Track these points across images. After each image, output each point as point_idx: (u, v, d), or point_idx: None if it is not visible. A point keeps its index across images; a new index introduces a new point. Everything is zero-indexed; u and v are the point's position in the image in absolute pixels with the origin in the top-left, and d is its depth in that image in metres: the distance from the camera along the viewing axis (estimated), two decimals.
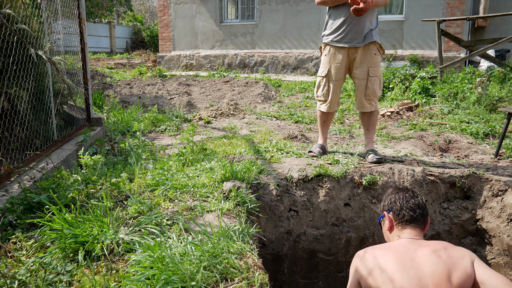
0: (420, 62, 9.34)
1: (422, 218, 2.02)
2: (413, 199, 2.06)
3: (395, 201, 2.09)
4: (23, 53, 2.86)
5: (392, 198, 2.13)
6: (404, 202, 2.05)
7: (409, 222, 2.00)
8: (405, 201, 2.06)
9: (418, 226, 2.01)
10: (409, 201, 2.05)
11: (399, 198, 2.09)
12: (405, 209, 2.03)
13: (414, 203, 2.04)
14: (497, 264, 3.16)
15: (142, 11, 30.34)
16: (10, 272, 1.65)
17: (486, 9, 9.12)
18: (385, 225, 2.13)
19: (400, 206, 2.05)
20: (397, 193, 2.14)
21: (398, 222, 2.04)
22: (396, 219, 2.05)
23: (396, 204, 2.07)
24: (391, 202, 2.11)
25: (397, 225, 2.04)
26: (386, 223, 2.11)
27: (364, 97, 3.43)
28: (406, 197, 2.08)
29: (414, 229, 1.99)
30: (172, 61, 12.46)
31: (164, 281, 1.54)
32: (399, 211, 2.04)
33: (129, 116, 5.07)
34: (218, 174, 2.84)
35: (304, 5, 10.68)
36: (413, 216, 2.00)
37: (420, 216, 2.02)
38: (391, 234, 2.08)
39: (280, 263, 3.20)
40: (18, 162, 2.66)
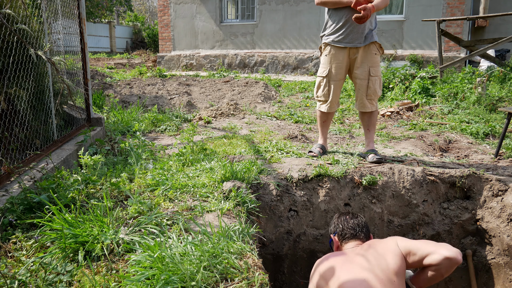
0: (420, 62, 9.34)
1: (363, 234, 2.35)
2: (353, 220, 2.41)
3: (337, 223, 2.44)
4: (23, 53, 2.86)
5: (335, 222, 2.47)
6: (345, 224, 2.39)
7: (350, 238, 2.33)
8: (346, 222, 2.40)
9: (360, 239, 2.33)
10: (349, 221, 2.40)
11: (341, 221, 2.43)
12: (346, 229, 2.37)
13: (354, 223, 2.38)
14: (497, 264, 3.16)
15: (142, 11, 30.33)
16: (10, 272, 1.65)
17: (486, 9, 9.12)
18: (334, 247, 2.45)
19: (342, 227, 2.39)
20: (339, 217, 2.48)
21: (341, 240, 2.38)
22: (340, 238, 2.39)
23: (339, 226, 2.42)
24: (335, 226, 2.45)
25: (341, 243, 2.38)
26: (334, 244, 2.43)
27: (365, 97, 3.43)
28: (346, 219, 2.42)
29: (355, 241, 2.32)
30: (172, 61, 12.46)
31: (164, 281, 1.54)
32: (342, 231, 2.39)
33: (129, 116, 5.07)
34: (218, 174, 2.84)
35: (304, 5, 10.68)
36: (353, 234, 2.34)
37: (361, 232, 2.35)
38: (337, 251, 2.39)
39: (280, 263, 3.20)
40: (18, 162, 2.66)
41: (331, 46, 3.40)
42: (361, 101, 3.46)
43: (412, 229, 3.35)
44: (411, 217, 3.33)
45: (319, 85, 3.53)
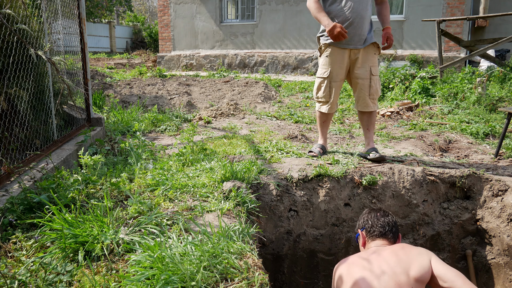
0: (420, 62, 9.34)
1: (392, 234, 2.27)
2: (384, 218, 2.32)
3: (367, 220, 2.36)
4: (23, 53, 2.86)
5: (365, 218, 2.39)
6: (375, 220, 2.31)
7: (378, 236, 2.25)
8: (376, 219, 2.32)
9: (388, 239, 2.25)
10: (380, 219, 2.31)
11: (371, 217, 2.35)
12: (375, 226, 2.29)
13: (384, 221, 2.30)
14: (497, 264, 3.16)
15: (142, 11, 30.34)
16: (10, 272, 1.65)
17: (486, 9, 9.12)
18: (360, 242, 2.38)
19: (371, 224, 2.31)
20: (369, 213, 2.40)
21: (369, 236, 2.31)
22: (367, 235, 2.31)
23: (368, 222, 2.33)
24: (364, 221, 2.38)
25: (368, 239, 2.31)
26: (360, 240, 2.36)
27: (368, 97, 3.43)
28: (377, 216, 2.34)
29: (382, 240, 2.24)
30: (172, 61, 12.46)
31: (164, 281, 1.54)
32: (370, 227, 2.30)
33: (129, 116, 5.07)
34: (218, 174, 2.84)
35: (304, 5, 10.67)
36: (382, 232, 2.26)
37: (389, 232, 2.27)
38: (363, 248, 2.33)
39: (280, 263, 3.20)
40: (18, 162, 2.66)
41: (332, 47, 3.39)
42: (364, 101, 3.46)
43: (412, 229, 3.35)
44: (411, 217, 3.33)
45: (319, 86, 3.52)
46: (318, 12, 3.26)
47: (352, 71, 3.44)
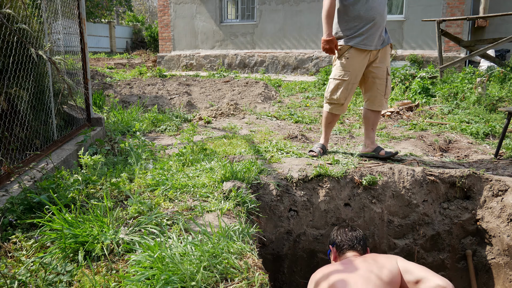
0: (420, 62, 9.34)
1: (360, 246, 2.45)
2: (351, 232, 2.52)
3: (337, 235, 2.54)
4: (23, 53, 2.87)
5: (335, 234, 2.57)
6: (344, 236, 2.50)
7: (348, 249, 2.43)
8: (345, 234, 2.51)
9: (357, 251, 2.43)
10: (348, 234, 2.50)
11: (340, 233, 2.54)
12: (344, 241, 2.48)
13: (352, 235, 2.49)
14: (497, 264, 3.16)
15: (142, 11, 30.33)
16: (10, 272, 1.65)
17: (486, 9, 9.12)
18: (332, 257, 2.55)
19: (341, 239, 2.50)
20: (338, 229, 2.59)
21: (339, 251, 2.48)
22: (338, 249, 2.49)
23: (338, 238, 2.52)
24: (334, 237, 2.56)
25: (339, 254, 2.48)
26: (332, 255, 2.54)
27: (384, 96, 3.44)
28: (345, 231, 2.53)
29: (352, 252, 2.42)
30: (172, 61, 12.45)
31: (164, 281, 1.54)
32: (340, 242, 2.50)
33: (129, 116, 5.07)
34: (218, 174, 2.84)
35: (304, 5, 10.68)
36: (350, 245, 2.45)
37: (358, 244, 2.46)
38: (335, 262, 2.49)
39: (280, 263, 3.20)
40: (18, 162, 2.66)
41: (354, 49, 3.28)
42: (380, 101, 3.45)
43: (412, 229, 3.35)
44: (411, 217, 3.33)
45: (336, 88, 3.40)
46: (329, 16, 3.22)
47: (369, 71, 3.40)
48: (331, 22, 3.23)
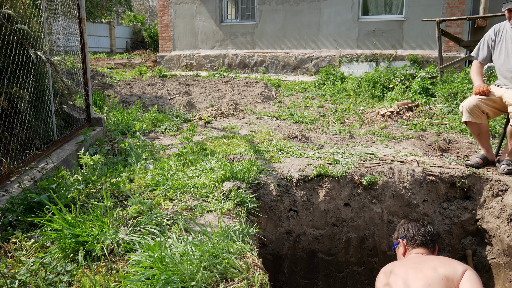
0: (420, 62, 9.33)
1: (432, 243, 2.38)
2: (424, 228, 2.44)
3: (408, 229, 2.46)
4: (23, 53, 2.86)
5: (405, 227, 2.49)
6: (416, 230, 2.42)
7: (419, 245, 2.36)
8: (417, 229, 2.43)
9: (428, 249, 2.36)
10: (420, 229, 2.43)
11: (412, 227, 2.46)
12: (417, 235, 2.39)
13: (425, 231, 2.41)
14: (497, 264, 3.16)
15: (142, 11, 30.33)
16: (10, 272, 1.65)
17: (486, 9, 9.12)
18: (399, 251, 2.47)
19: (413, 233, 2.42)
20: (409, 223, 2.51)
21: (409, 245, 2.40)
22: (408, 244, 2.39)
23: (409, 232, 2.44)
24: (405, 231, 2.47)
25: (409, 248, 2.40)
26: (401, 248, 2.45)
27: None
28: (417, 225, 2.45)
29: (423, 249, 2.35)
30: (172, 61, 12.45)
31: (164, 281, 1.54)
32: (412, 237, 2.40)
33: (129, 116, 5.07)
34: (218, 174, 2.84)
35: (304, 5, 10.68)
36: (423, 241, 2.36)
37: (430, 241, 2.38)
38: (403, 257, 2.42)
39: (280, 263, 3.20)
40: (18, 162, 2.66)
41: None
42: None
43: None
44: (411, 217, 3.33)
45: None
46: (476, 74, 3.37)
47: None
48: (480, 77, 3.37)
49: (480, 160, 3.43)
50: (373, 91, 7.13)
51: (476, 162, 3.41)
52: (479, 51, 3.43)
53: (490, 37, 3.36)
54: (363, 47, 10.04)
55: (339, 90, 7.74)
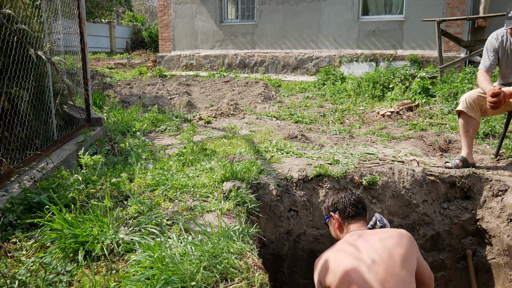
0: (420, 62, 9.33)
1: (364, 211, 2.27)
2: (353, 196, 2.29)
3: (338, 201, 2.30)
4: (23, 53, 2.87)
5: (335, 199, 2.32)
6: (346, 200, 2.27)
7: (354, 217, 2.23)
8: (347, 199, 2.28)
9: (362, 218, 2.24)
10: (350, 198, 2.28)
11: (341, 197, 2.30)
12: (348, 206, 2.24)
13: (355, 199, 2.27)
14: (497, 264, 3.16)
15: (142, 11, 30.33)
16: (10, 272, 1.65)
17: (486, 9, 9.12)
18: (333, 225, 2.33)
19: (344, 205, 2.26)
20: (338, 194, 2.34)
21: (344, 219, 2.25)
22: (342, 217, 2.26)
23: (340, 203, 2.28)
24: (335, 203, 2.31)
25: (344, 222, 2.25)
26: (333, 222, 2.31)
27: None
28: (347, 195, 2.30)
29: (358, 221, 2.22)
30: (172, 61, 12.46)
31: (164, 281, 1.54)
32: (344, 209, 2.25)
33: (129, 116, 5.07)
34: (218, 174, 2.84)
35: (304, 5, 10.68)
36: (356, 211, 2.23)
37: (362, 209, 2.26)
38: (339, 231, 2.29)
39: (280, 263, 3.20)
40: (18, 162, 2.66)
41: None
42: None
43: (412, 229, 3.35)
44: (411, 217, 3.33)
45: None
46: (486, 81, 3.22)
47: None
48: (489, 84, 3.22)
49: (460, 162, 3.39)
50: (373, 91, 7.13)
51: (455, 164, 3.39)
52: (486, 61, 3.31)
53: (493, 45, 3.30)
54: (363, 47, 10.04)
55: (339, 90, 7.74)
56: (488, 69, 3.28)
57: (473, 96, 3.28)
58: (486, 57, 3.32)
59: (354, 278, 1.85)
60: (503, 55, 3.28)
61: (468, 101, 3.29)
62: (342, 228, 2.27)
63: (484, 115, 3.44)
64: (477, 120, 3.32)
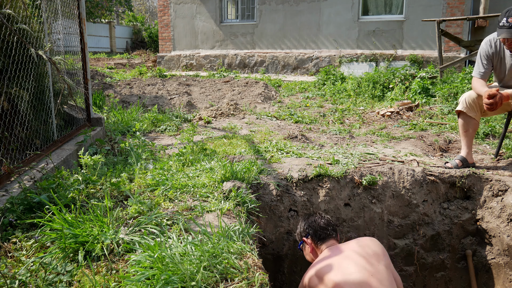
0: (420, 62, 9.33)
1: (334, 232, 2.44)
2: (323, 220, 2.46)
3: (309, 225, 2.46)
4: (23, 53, 2.87)
5: (306, 224, 2.49)
6: (316, 225, 2.44)
7: (324, 238, 2.38)
8: (317, 223, 2.44)
9: (333, 238, 2.41)
10: (320, 222, 2.44)
11: (311, 221, 2.47)
12: (319, 230, 2.41)
13: (324, 223, 2.44)
14: (497, 264, 3.16)
15: (142, 11, 30.33)
16: (10, 272, 1.65)
17: (486, 9, 9.12)
18: (307, 249, 2.49)
19: (314, 229, 2.43)
20: (308, 219, 2.51)
21: (316, 242, 2.41)
22: (314, 240, 2.42)
23: (310, 227, 2.45)
24: (306, 228, 2.48)
25: (316, 245, 2.41)
26: (307, 247, 2.47)
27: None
28: (316, 219, 2.47)
29: (329, 241, 2.38)
30: (172, 61, 12.45)
31: (164, 281, 1.54)
32: (315, 233, 2.42)
33: (129, 116, 5.07)
34: (218, 174, 2.84)
35: (304, 5, 10.68)
36: (326, 233, 2.40)
37: (332, 231, 2.42)
38: (313, 254, 2.45)
39: (280, 263, 3.20)
40: (18, 162, 2.66)
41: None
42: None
43: (412, 229, 3.35)
44: (411, 217, 3.33)
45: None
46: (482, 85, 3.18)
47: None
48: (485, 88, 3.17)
49: (460, 162, 3.39)
50: (373, 91, 7.13)
51: (455, 165, 3.38)
52: (480, 68, 3.26)
53: (487, 52, 3.24)
54: (363, 47, 10.04)
55: (339, 90, 7.74)
56: (482, 77, 3.23)
57: (473, 96, 3.27)
58: (480, 64, 3.26)
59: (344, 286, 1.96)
60: (497, 61, 3.24)
61: (467, 101, 3.28)
62: (315, 251, 2.43)
63: (484, 115, 3.44)
64: (477, 120, 3.32)
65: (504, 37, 2.93)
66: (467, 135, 3.37)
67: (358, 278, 1.97)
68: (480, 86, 3.18)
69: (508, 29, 2.89)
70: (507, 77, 3.26)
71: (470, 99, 3.28)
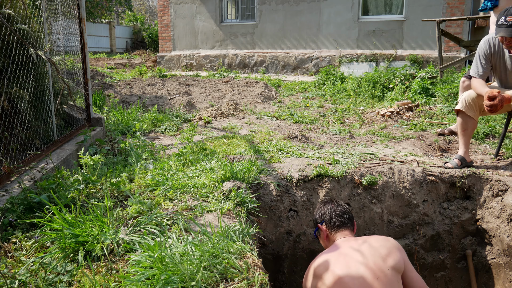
0: (420, 62, 9.33)
1: (350, 221, 2.39)
2: (339, 207, 2.41)
3: (324, 212, 2.42)
4: (23, 53, 2.86)
5: (321, 211, 2.45)
6: (332, 212, 2.39)
7: (339, 226, 2.35)
8: (333, 210, 2.40)
9: (348, 228, 2.35)
10: (336, 209, 2.40)
11: (327, 209, 2.42)
12: (334, 217, 2.37)
13: (341, 210, 2.39)
14: (497, 264, 3.16)
15: (142, 11, 30.33)
16: (10, 272, 1.65)
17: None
18: (321, 236, 2.44)
19: (330, 216, 2.38)
20: (324, 206, 2.47)
21: (330, 229, 2.37)
22: (329, 227, 2.38)
23: (326, 214, 2.40)
24: (322, 214, 2.44)
25: (331, 232, 2.37)
26: (322, 234, 2.42)
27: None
28: (332, 207, 2.42)
29: (344, 231, 2.33)
30: (172, 61, 12.46)
31: (164, 281, 1.54)
32: (330, 220, 2.38)
33: (129, 116, 5.07)
34: (218, 174, 2.84)
35: (304, 5, 10.68)
36: (341, 221, 2.35)
37: (348, 220, 2.37)
38: (327, 241, 2.40)
39: (280, 263, 3.20)
40: (18, 162, 2.66)
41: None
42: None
43: (412, 229, 3.35)
44: (411, 217, 3.33)
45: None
46: (482, 85, 3.17)
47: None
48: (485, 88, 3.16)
49: (459, 162, 3.39)
50: (373, 91, 7.13)
51: (455, 164, 3.38)
52: (479, 68, 3.25)
53: (485, 51, 3.24)
54: (363, 47, 10.04)
55: (339, 90, 7.74)
56: (481, 77, 3.22)
57: (472, 96, 3.27)
58: (479, 64, 3.25)
59: (346, 282, 1.93)
60: (496, 61, 3.24)
61: (467, 100, 3.28)
62: (329, 238, 2.38)
63: (483, 114, 3.44)
64: (476, 120, 3.32)
65: (502, 35, 2.93)
66: (465, 134, 3.37)
67: (362, 279, 1.94)
68: (480, 86, 3.17)
69: (506, 27, 2.90)
70: (507, 77, 3.26)
71: (469, 98, 3.27)
